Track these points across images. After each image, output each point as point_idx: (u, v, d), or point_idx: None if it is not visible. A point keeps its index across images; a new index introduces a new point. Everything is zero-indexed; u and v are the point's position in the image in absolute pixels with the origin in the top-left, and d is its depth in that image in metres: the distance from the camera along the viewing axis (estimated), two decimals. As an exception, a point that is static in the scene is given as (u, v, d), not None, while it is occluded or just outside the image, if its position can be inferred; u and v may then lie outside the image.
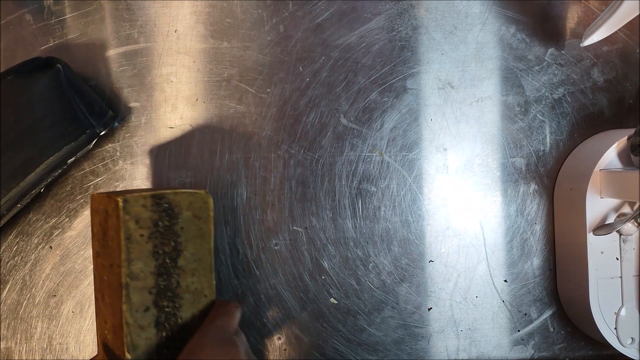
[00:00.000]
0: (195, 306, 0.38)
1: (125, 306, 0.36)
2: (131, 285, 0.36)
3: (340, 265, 0.49)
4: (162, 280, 0.37)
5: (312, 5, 0.47)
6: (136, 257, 0.36)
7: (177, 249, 0.38)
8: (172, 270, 0.37)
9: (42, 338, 0.47)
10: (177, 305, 0.38)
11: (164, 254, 0.37)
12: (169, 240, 0.37)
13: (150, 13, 0.47)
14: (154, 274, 0.37)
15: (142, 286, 0.36)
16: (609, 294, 0.45)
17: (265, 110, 0.48)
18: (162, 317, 0.37)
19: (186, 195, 0.38)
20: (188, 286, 0.38)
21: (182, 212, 0.38)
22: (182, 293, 0.38)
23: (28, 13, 0.46)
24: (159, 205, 0.37)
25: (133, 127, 0.47)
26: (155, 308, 0.37)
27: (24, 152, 0.40)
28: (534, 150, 0.50)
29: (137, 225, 0.36)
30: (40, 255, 0.47)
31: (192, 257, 0.38)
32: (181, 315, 0.38)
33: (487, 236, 0.50)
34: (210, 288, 0.39)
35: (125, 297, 0.35)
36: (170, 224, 0.37)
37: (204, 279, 0.39)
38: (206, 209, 0.39)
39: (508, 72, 0.49)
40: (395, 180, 0.49)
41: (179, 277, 0.38)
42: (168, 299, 0.37)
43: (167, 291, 0.37)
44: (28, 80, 0.41)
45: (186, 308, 0.38)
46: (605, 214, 0.45)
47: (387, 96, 0.48)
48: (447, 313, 0.50)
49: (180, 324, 0.38)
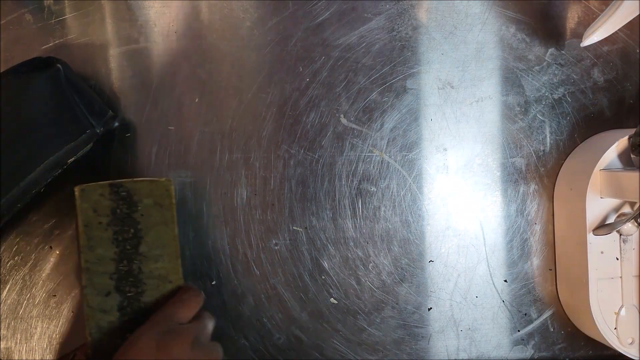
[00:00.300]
0: (160, 291, 0.39)
1: (87, 290, 0.38)
2: (92, 270, 0.38)
3: (340, 265, 0.49)
4: (123, 266, 0.39)
5: (312, 5, 0.47)
6: (96, 244, 0.38)
7: (138, 236, 0.39)
8: (134, 256, 0.39)
9: (42, 338, 0.47)
10: (140, 290, 0.39)
11: (124, 240, 0.39)
12: (128, 228, 0.39)
13: (150, 13, 0.47)
14: (114, 259, 0.38)
15: (102, 271, 0.38)
16: (609, 294, 0.45)
17: (265, 110, 0.48)
18: (125, 302, 0.38)
19: (146, 183, 0.40)
20: (151, 272, 0.39)
21: (142, 199, 0.39)
22: (145, 279, 0.39)
23: (28, 13, 0.46)
24: (117, 194, 0.39)
25: (133, 127, 0.47)
26: (117, 293, 0.38)
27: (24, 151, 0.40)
28: (534, 150, 0.50)
29: (95, 214, 0.38)
30: (40, 255, 0.46)
31: (155, 244, 0.39)
32: (144, 300, 0.39)
33: (487, 236, 0.50)
34: (176, 274, 0.40)
35: (87, 281, 0.38)
36: (129, 211, 0.39)
37: (168, 265, 0.40)
38: (168, 196, 0.40)
39: (508, 72, 0.49)
40: (395, 180, 0.49)
41: (140, 263, 0.39)
42: (130, 284, 0.39)
43: (129, 277, 0.39)
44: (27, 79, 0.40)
45: (150, 293, 0.39)
46: (605, 214, 0.45)
47: (387, 96, 0.48)
48: (447, 313, 0.50)
49: (144, 309, 0.39)
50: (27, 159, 0.40)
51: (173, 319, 0.37)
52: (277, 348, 0.49)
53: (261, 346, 0.48)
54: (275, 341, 0.49)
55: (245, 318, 0.48)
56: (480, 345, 0.50)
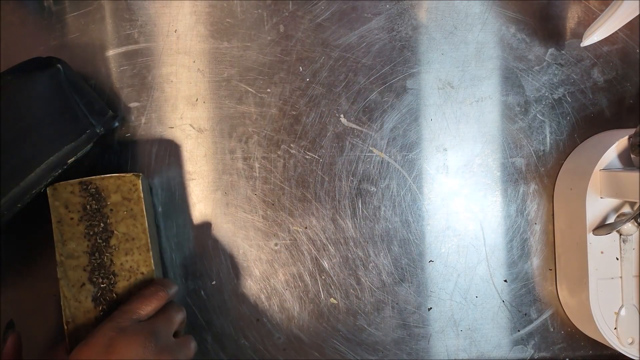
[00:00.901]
0: (132, 283, 0.41)
1: (62, 282, 0.40)
2: (66, 263, 0.40)
3: (340, 265, 0.49)
4: (95, 258, 0.41)
5: (312, 5, 0.47)
6: (69, 238, 0.41)
7: (108, 230, 0.41)
8: (105, 249, 0.41)
9: (42, 338, 0.47)
10: (112, 282, 0.41)
11: (95, 234, 0.41)
12: (98, 222, 0.41)
13: (150, 13, 0.47)
14: (87, 252, 0.41)
15: (76, 264, 0.40)
16: (609, 294, 0.45)
17: (265, 110, 0.48)
18: (98, 293, 0.41)
19: (113, 179, 0.41)
20: (122, 264, 0.41)
21: (110, 195, 0.41)
22: (116, 270, 0.41)
23: (28, 13, 0.46)
24: (86, 191, 0.41)
25: (133, 127, 0.47)
26: (91, 284, 0.41)
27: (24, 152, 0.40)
28: (534, 150, 0.50)
29: (66, 210, 0.41)
30: (41, 254, 0.46)
31: (125, 237, 0.41)
32: (117, 292, 0.41)
33: (487, 236, 0.50)
34: (148, 266, 0.42)
35: (62, 274, 0.40)
36: (98, 206, 0.41)
37: (139, 258, 0.41)
38: (135, 191, 0.42)
39: (508, 72, 0.49)
40: (395, 180, 0.49)
41: (112, 255, 0.41)
42: (103, 276, 0.41)
43: (101, 269, 0.41)
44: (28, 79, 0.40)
45: (122, 285, 0.41)
46: (606, 214, 0.45)
47: (387, 96, 0.48)
48: (447, 313, 0.50)
49: (117, 299, 0.41)
50: (27, 159, 0.40)
51: (131, 315, 0.38)
52: (277, 348, 0.49)
53: (261, 346, 0.48)
54: (275, 341, 0.49)
55: (245, 318, 0.48)
56: (480, 345, 0.50)
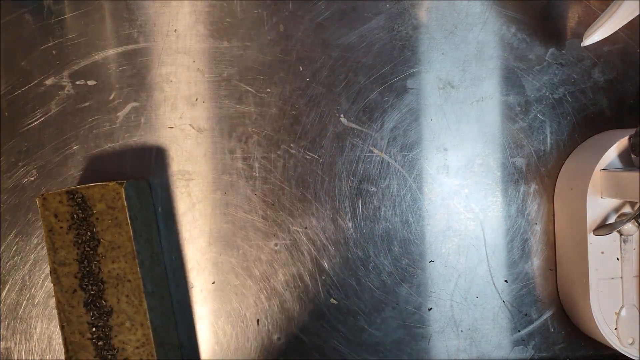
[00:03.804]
0: (120, 290, 0.42)
1: (56, 288, 0.42)
2: (58, 271, 0.42)
3: (340, 265, 0.49)
4: (85, 266, 0.42)
5: (312, 5, 0.47)
6: (60, 246, 0.42)
7: (95, 238, 0.42)
8: (93, 257, 0.42)
9: (42, 338, 0.47)
10: (101, 288, 0.42)
11: (83, 243, 0.42)
12: (85, 231, 0.42)
13: (150, 13, 0.47)
14: (77, 260, 0.42)
15: (68, 271, 0.42)
16: (610, 294, 0.45)
17: (265, 110, 0.48)
18: (89, 299, 0.42)
19: (97, 188, 0.42)
20: (110, 272, 0.42)
21: (96, 204, 0.42)
22: (105, 278, 0.42)
23: (28, 13, 0.46)
24: (73, 200, 0.42)
25: (133, 127, 0.47)
26: (82, 290, 0.42)
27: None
28: (534, 150, 0.50)
29: (56, 219, 0.42)
30: (40, 255, 0.46)
31: (111, 245, 0.42)
32: (106, 298, 0.42)
33: (487, 236, 0.50)
34: (134, 274, 0.42)
35: (55, 280, 0.42)
36: (85, 215, 0.42)
37: (125, 265, 0.42)
38: (119, 199, 0.42)
39: (508, 72, 0.49)
40: (396, 180, 0.49)
41: (99, 263, 0.42)
42: (92, 283, 0.42)
43: (90, 276, 0.42)
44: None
45: (110, 292, 0.42)
46: (606, 214, 0.45)
47: (388, 96, 0.48)
48: (448, 313, 0.50)
49: (106, 305, 0.42)
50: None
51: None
52: (277, 348, 0.48)
53: (261, 346, 0.48)
54: (275, 341, 0.48)
55: (245, 318, 0.48)
56: (481, 346, 0.50)
